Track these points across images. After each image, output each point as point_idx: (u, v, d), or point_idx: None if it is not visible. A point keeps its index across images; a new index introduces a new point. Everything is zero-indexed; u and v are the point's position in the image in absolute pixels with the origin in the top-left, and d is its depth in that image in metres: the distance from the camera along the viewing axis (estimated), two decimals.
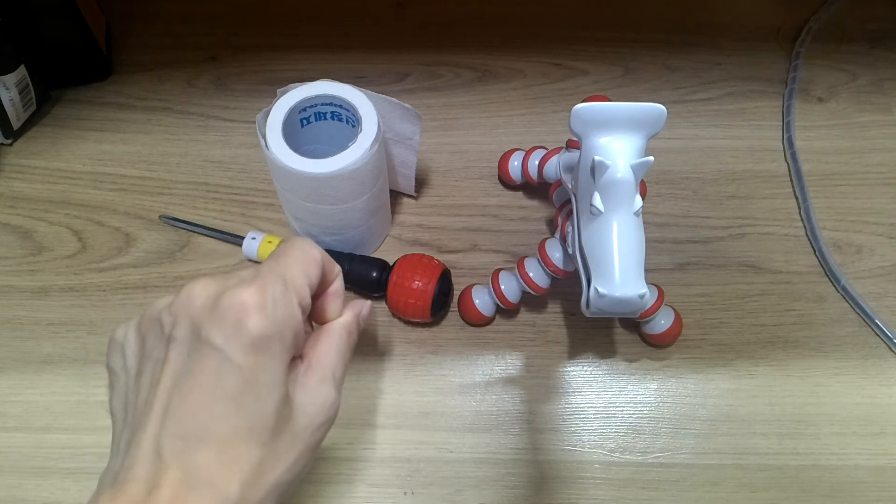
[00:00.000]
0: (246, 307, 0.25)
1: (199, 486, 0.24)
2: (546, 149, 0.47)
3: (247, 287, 0.26)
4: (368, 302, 0.32)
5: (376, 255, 0.46)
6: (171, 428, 0.25)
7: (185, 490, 0.24)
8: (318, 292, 0.30)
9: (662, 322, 0.42)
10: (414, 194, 0.49)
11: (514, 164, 0.48)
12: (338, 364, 0.29)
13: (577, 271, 0.35)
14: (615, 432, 0.41)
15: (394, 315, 0.45)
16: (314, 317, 0.31)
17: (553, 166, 0.45)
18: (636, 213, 0.32)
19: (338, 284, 0.31)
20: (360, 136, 0.39)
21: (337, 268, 0.31)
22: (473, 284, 0.44)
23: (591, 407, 0.42)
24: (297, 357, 0.28)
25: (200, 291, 0.26)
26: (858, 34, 0.58)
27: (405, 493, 0.39)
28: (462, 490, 0.40)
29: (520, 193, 0.50)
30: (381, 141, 0.40)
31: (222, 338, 0.25)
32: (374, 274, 0.43)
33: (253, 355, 0.25)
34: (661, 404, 0.42)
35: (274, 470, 0.26)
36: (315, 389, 0.28)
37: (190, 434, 0.25)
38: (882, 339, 0.45)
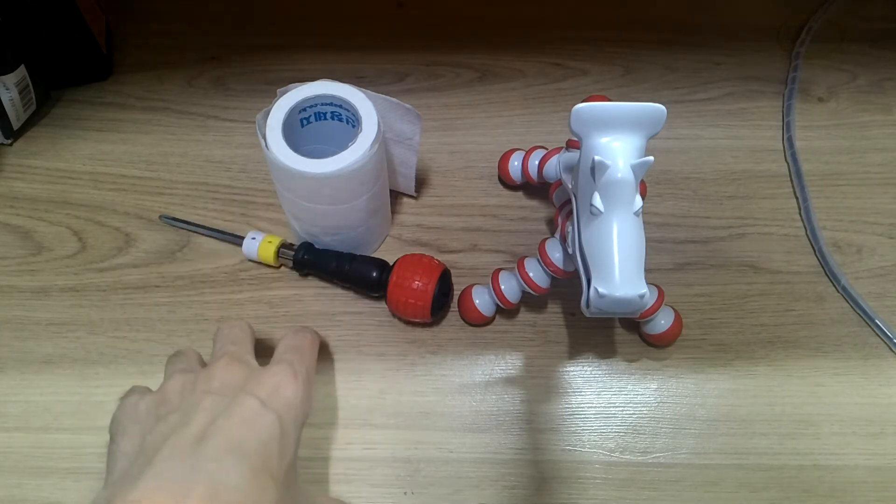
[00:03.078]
0: (284, 381, 0.31)
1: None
2: (546, 149, 0.47)
3: (279, 367, 0.32)
4: None
5: (376, 255, 0.46)
6: (205, 450, 0.27)
7: None
8: None
9: (662, 322, 0.42)
10: (414, 194, 0.49)
11: (514, 164, 0.48)
12: None
13: (577, 271, 0.35)
14: (615, 432, 0.41)
15: (394, 315, 0.45)
16: None
17: (553, 166, 0.45)
18: (636, 213, 0.32)
19: None
20: (360, 136, 0.39)
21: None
22: (473, 284, 0.44)
23: (591, 407, 0.42)
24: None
25: (239, 376, 0.32)
26: (858, 34, 0.58)
27: (405, 493, 0.39)
28: (462, 490, 0.40)
29: (520, 193, 0.50)
30: (381, 141, 0.40)
31: (265, 393, 0.30)
32: (374, 274, 0.43)
33: (285, 415, 0.30)
34: (661, 404, 0.42)
35: None
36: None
37: (225, 457, 0.27)
38: (882, 339, 0.45)
